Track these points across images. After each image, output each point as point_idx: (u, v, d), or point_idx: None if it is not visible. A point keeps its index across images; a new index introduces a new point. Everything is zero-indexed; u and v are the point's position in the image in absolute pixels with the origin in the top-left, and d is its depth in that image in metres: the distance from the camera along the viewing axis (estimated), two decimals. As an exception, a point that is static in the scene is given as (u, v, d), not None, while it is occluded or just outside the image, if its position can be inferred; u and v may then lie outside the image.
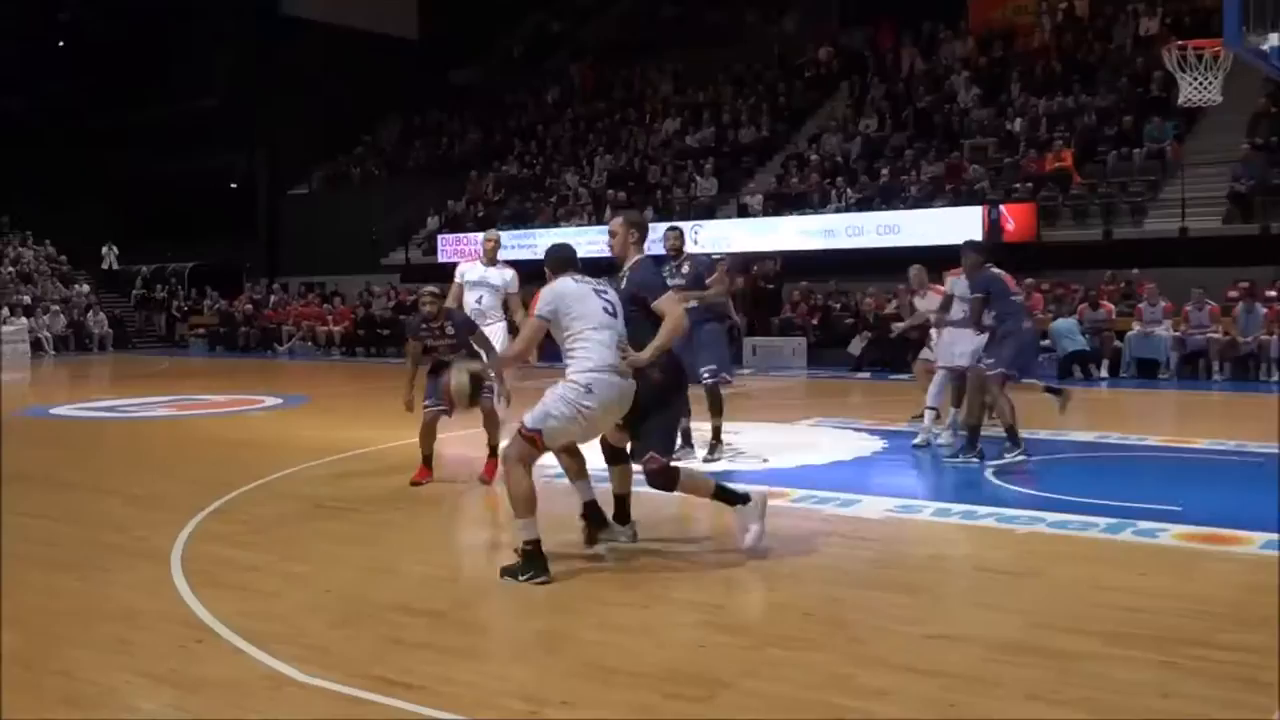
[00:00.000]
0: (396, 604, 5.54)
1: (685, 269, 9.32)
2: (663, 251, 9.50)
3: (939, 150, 23.26)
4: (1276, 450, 9.25)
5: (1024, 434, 9.51)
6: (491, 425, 8.77)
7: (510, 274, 9.79)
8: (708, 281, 9.41)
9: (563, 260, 6.29)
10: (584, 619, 5.33)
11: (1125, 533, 6.75)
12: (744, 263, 19.16)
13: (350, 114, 35.58)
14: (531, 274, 8.16)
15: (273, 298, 29.33)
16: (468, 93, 37.17)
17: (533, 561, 5.77)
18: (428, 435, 8.71)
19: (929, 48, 27.20)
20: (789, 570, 6.17)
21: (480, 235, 11.34)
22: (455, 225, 29.05)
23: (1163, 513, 7.17)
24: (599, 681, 4.49)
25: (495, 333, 9.39)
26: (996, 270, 9.45)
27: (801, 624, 5.17)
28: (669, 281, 8.71)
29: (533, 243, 25.54)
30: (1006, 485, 8.46)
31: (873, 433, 11.20)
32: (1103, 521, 6.99)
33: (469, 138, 34.02)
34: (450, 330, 8.64)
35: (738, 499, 6.32)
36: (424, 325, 8.69)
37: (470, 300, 9.65)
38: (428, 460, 8.77)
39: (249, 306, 28.92)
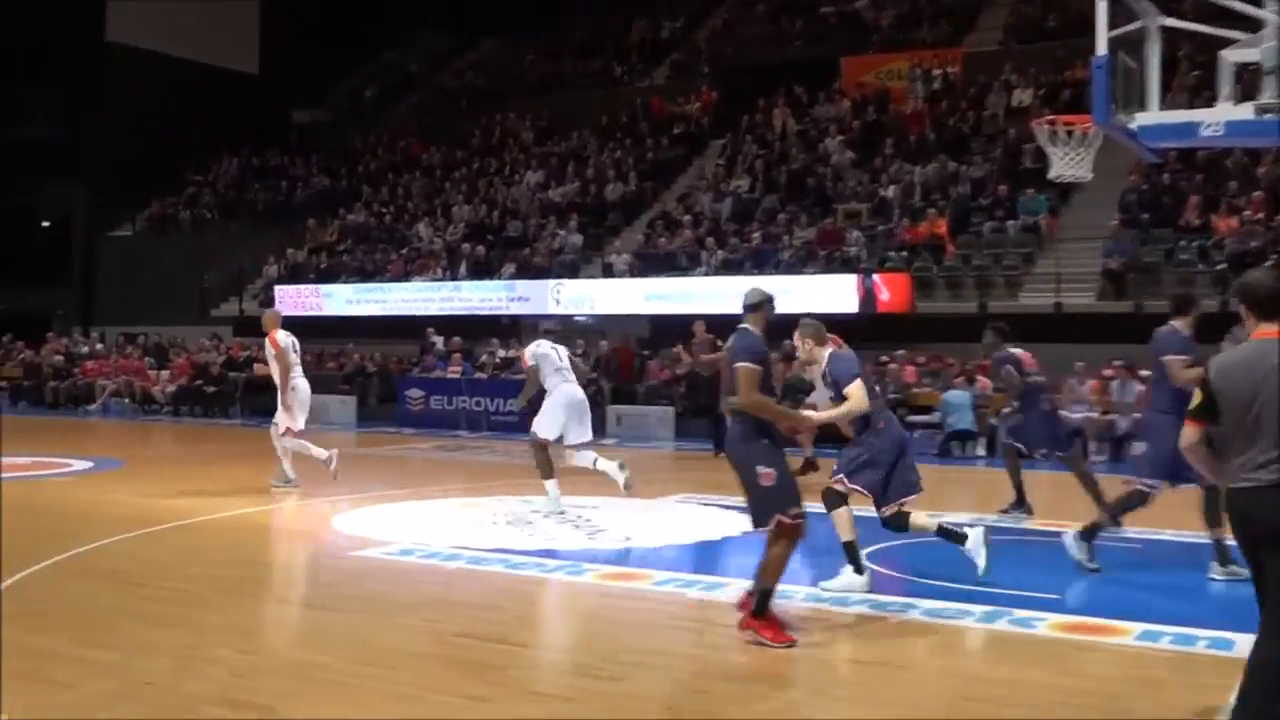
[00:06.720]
0: (216, 697, 5.29)
1: None
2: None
3: (811, 215, 23.68)
4: (1154, 536, 9.54)
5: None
6: None
7: None
8: None
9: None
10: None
11: (1001, 621, 6.87)
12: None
13: (182, 151, 34.55)
14: (382, 327, 7.83)
15: (84, 348, 28.00)
16: (312, 134, 36.63)
17: None
18: None
19: (801, 109, 27.89)
20: (655, 661, 6.08)
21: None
22: (296, 276, 28.19)
23: (1040, 601, 7.33)
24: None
25: None
26: (1015, 350, 10.05)
27: (664, 721, 5.09)
28: None
29: (381, 297, 25.17)
30: (879, 569, 8.44)
31: (744, 510, 10.95)
32: (978, 610, 7.10)
33: (313, 182, 33.42)
34: None
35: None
36: None
37: None
38: None
39: (58, 358, 27.58)
